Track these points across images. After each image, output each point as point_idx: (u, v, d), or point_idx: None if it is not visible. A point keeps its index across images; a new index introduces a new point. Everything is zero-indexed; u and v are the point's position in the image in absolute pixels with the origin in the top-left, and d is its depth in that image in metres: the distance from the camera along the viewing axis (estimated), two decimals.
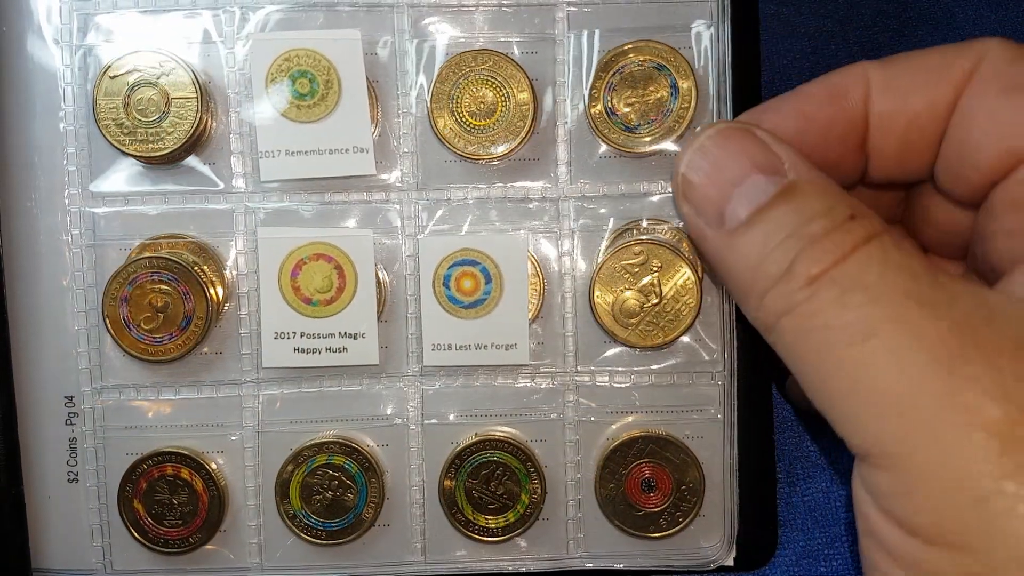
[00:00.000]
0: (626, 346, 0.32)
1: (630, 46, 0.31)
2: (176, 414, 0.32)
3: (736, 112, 0.31)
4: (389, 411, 0.33)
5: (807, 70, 0.34)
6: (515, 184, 0.32)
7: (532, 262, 0.32)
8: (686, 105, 0.31)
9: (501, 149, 0.31)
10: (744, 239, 0.24)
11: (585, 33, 0.32)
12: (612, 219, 0.32)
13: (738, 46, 0.31)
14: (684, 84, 0.31)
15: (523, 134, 0.31)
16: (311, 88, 0.31)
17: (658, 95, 0.31)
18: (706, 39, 0.32)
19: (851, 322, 0.21)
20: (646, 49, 0.31)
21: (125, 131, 0.30)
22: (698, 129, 0.30)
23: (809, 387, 0.23)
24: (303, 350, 0.32)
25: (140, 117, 0.30)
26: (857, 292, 0.21)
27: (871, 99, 0.26)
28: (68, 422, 0.32)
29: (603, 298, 0.31)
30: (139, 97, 0.30)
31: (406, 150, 0.32)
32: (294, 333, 0.31)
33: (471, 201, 0.32)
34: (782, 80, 0.34)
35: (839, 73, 0.27)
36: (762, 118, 0.27)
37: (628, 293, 0.31)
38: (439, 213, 0.32)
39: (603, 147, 0.32)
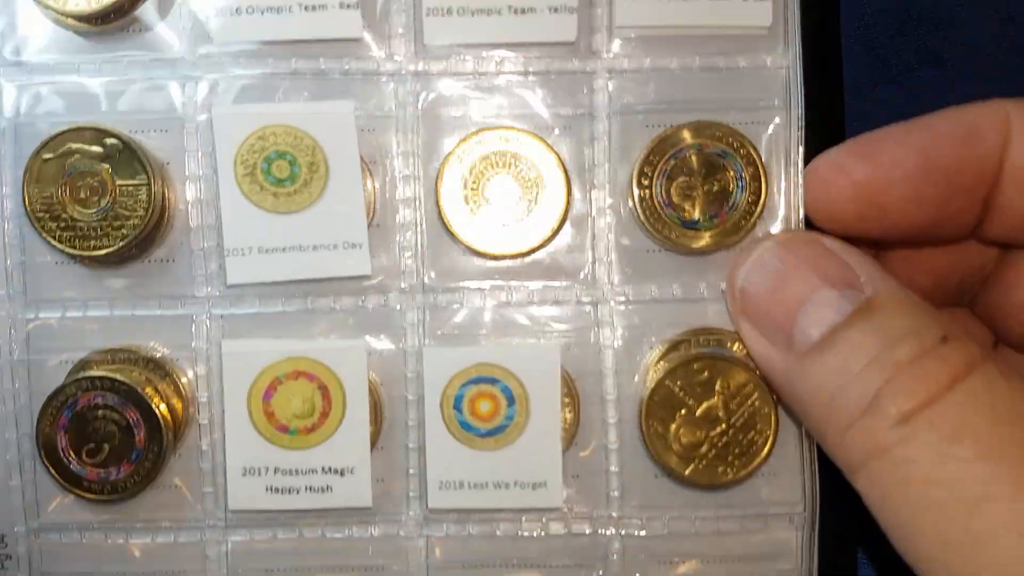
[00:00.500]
0: (685, 485, 0.26)
1: (687, 127, 0.26)
2: (129, 559, 0.27)
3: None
4: (383, 564, 0.27)
5: None
6: (544, 284, 0.26)
7: (565, 380, 0.26)
8: (754, 199, 0.26)
9: (526, 244, 0.26)
10: (817, 364, 0.21)
11: (631, 107, 0.26)
12: (665, 328, 0.26)
13: (814, 130, 0.26)
14: (751, 172, 0.26)
15: (554, 225, 0.26)
16: (291, 172, 0.25)
17: (722, 185, 0.26)
18: (778, 119, 0.26)
19: (960, 479, 0.19)
20: (706, 131, 0.26)
21: (62, 226, 0.25)
22: (757, 237, 0.26)
23: (904, 544, 0.20)
24: (278, 489, 0.26)
25: (80, 208, 0.25)
26: (965, 441, 0.19)
27: (1010, 146, 0.23)
28: (1, 565, 0.27)
29: (657, 426, 0.25)
30: (79, 184, 0.25)
31: (408, 244, 0.26)
32: (266, 469, 0.26)
33: (490, 304, 0.26)
34: None
35: (975, 109, 0.24)
36: (880, 148, 0.23)
37: (687, 420, 0.25)
38: (450, 319, 0.26)
39: (652, 242, 0.26)
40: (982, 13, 0.33)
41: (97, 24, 0.25)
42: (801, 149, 0.26)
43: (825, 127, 0.26)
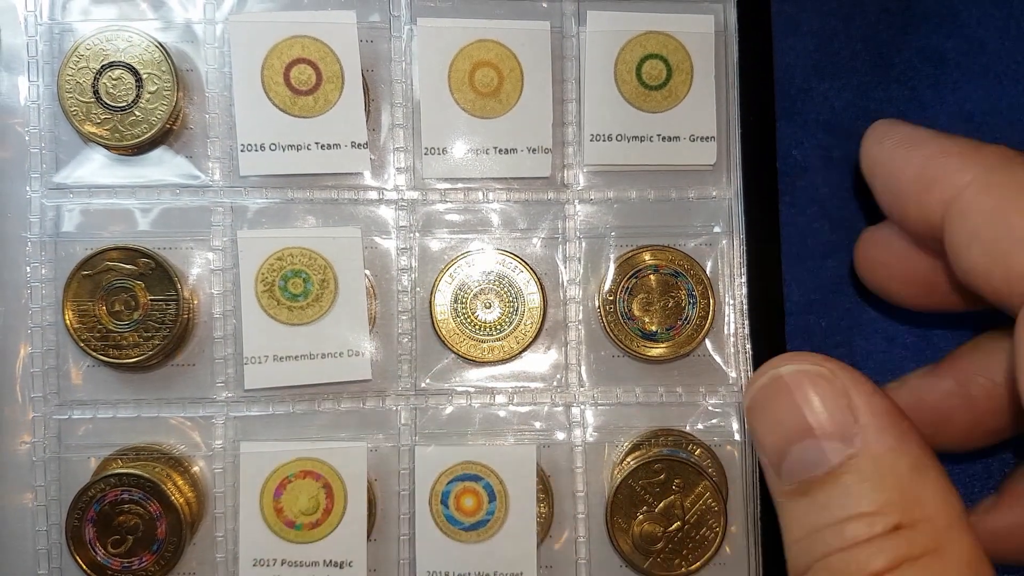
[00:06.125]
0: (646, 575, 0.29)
1: (645, 250, 0.30)
2: None
3: (753, 322, 0.29)
4: None
5: (811, 68, 0.33)
6: (523, 386, 0.30)
7: (541, 477, 0.29)
8: (703, 313, 0.29)
9: (508, 351, 0.29)
10: (793, 506, 0.22)
11: (597, 231, 0.30)
12: (629, 429, 0.29)
13: (754, 253, 0.29)
14: (700, 290, 0.30)
15: (532, 334, 0.29)
16: (305, 288, 0.29)
17: (676, 301, 0.30)
18: (723, 242, 0.30)
19: None
20: (661, 254, 0.30)
21: (96, 336, 0.27)
22: (773, 360, 0.25)
23: None
24: None
25: (115, 321, 0.28)
26: None
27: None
28: None
29: (620, 521, 0.28)
30: (113, 299, 0.28)
31: (405, 351, 0.29)
32: (275, 560, 0.28)
33: (475, 405, 0.29)
34: (786, 79, 0.33)
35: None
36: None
37: (648, 516, 0.28)
38: (439, 418, 0.29)
39: (617, 350, 0.30)
40: (987, 11, 0.33)
41: (139, 154, 0.29)
42: (743, 269, 0.30)
43: (764, 249, 0.30)
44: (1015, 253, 0.21)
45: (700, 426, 0.30)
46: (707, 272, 0.30)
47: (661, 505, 0.28)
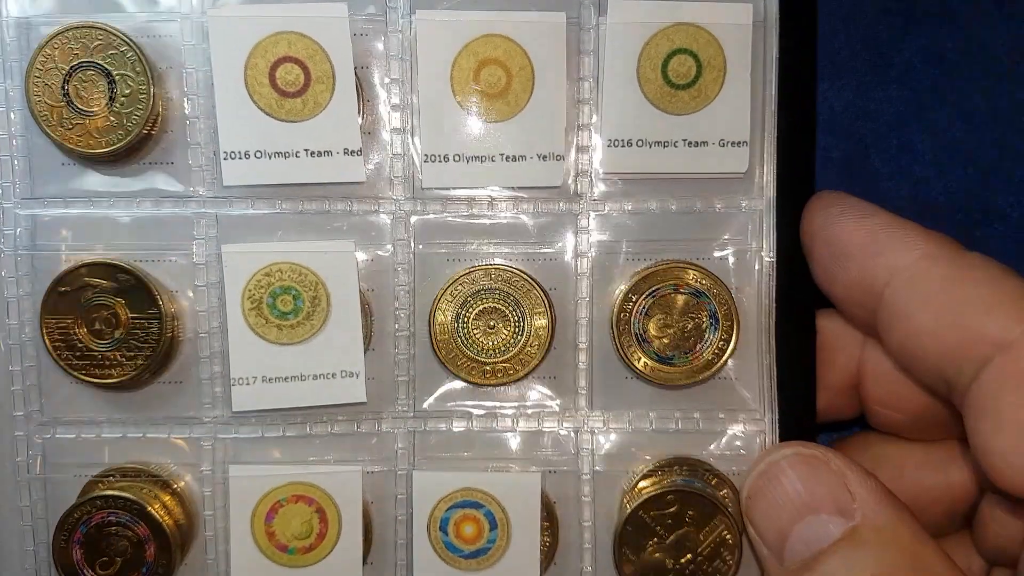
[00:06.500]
0: None
1: (665, 267, 0.27)
2: None
3: (780, 354, 0.27)
4: None
5: None
6: (528, 410, 0.28)
7: (545, 504, 0.28)
8: (726, 337, 0.27)
9: (512, 373, 0.28)
10: None
11: (612, 245, 0.28)
12: (641, 456, 0.28)
13: (785, 270, 0.27)
14: (724, 312, 0.27)
15: (538, 355, 0.28)
16: (295, 306, 0.27)
17: (696, 323, 0.27)
18: (748, 258, 0.28)
19: None
20: (683, 272, 0.27)
21: (77, 355, 0.26)
22: (768, 448, 0.27)
23: None
24: None
25: (95, 339, 0.26)
26: None
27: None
28: None
29: (629, 553, 0.27)
30: (94, 316, 0.26)
31: (401, 369, 0.28)
32: None
33: (476, 428, 0.28)
34: None
35: None
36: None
37: (658, 547, 0.27)
38: (438, 442, 0.28)
39: (629, 371, 0.28)
40: (987, 10, 0.32)
41: (115, 161, 0.27)
42: (772, 289, 0.27)
43: (796, 261, 0.27)
44: (969, 315, 0.22)
45: (719, 454, 0.28)
46: (732, 292, 0.27)
47: (672, 537, 0.27)
